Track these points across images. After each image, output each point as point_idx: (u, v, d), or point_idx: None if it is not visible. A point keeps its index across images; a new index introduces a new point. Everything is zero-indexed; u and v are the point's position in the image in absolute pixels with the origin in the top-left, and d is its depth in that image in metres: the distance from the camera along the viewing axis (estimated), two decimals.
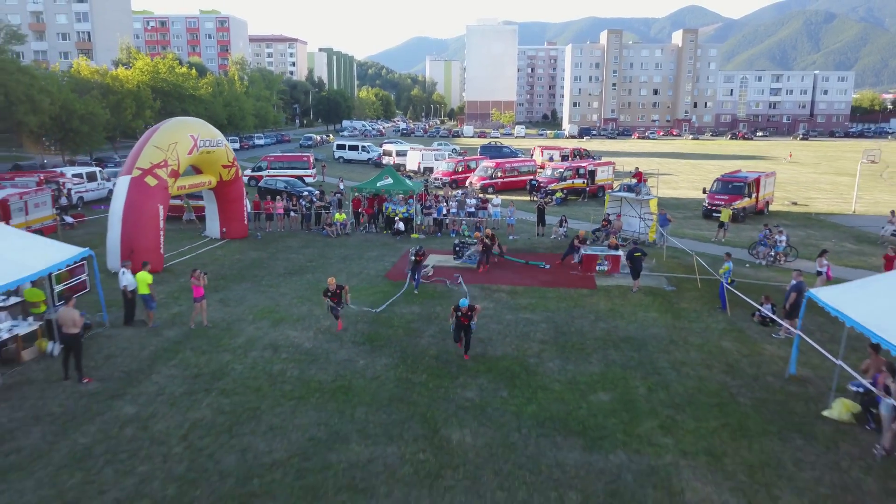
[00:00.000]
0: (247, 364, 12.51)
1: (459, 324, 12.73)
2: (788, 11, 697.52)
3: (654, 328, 14.87)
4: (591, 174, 37.66)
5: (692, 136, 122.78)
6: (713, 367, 12.65)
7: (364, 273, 19.74)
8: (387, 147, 57.05)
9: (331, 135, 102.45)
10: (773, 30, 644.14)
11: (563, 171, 37.18)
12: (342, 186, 33.60)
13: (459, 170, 42.07)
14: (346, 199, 29.04)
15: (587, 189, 37.06)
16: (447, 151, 53.87)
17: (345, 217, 26.21)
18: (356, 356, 12.96)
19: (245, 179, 30.79)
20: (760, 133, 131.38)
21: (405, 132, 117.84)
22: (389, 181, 26.59)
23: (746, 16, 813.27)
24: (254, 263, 20.86)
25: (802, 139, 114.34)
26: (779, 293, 16.24)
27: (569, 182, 36.53)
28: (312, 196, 29.00)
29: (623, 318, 15.53)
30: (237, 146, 72.04)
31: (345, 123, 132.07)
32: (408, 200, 26.59)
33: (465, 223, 25.84)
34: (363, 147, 60.33)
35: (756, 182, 30.65)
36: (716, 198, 29.98)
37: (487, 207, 26.92)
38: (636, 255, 17.86)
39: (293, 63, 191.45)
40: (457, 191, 33.34)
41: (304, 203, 27.61)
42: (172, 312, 15.56)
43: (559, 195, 34.94)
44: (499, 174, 39.57)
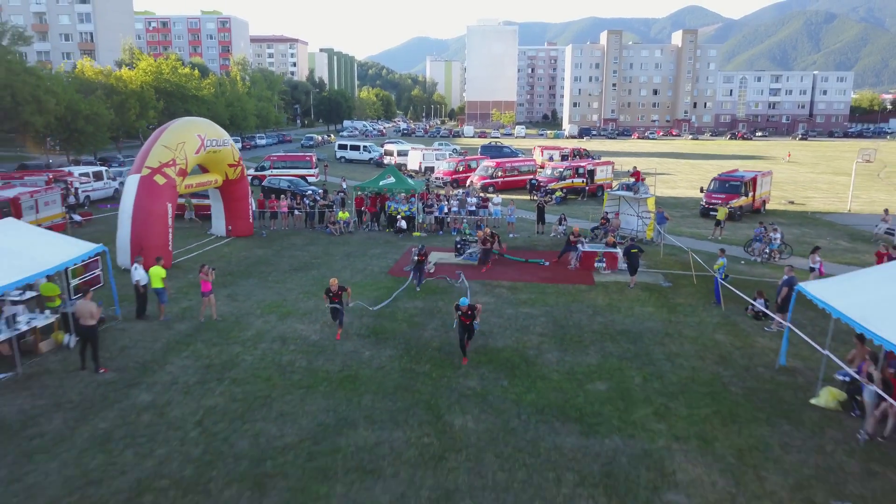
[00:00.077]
0: (256, 355, 12.97)
1: (462, 324, 12.67)
2: (789, 12, 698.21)
3: (650, 322, 15.31)
4: (591, 174, 38.13)
5: (692, 137, 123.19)
6: (706, 359, 13.10)
7: (368, 269, 20.21)
8: (388, 147, 57.46)
9: (332, 135, 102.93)
10: (774, 30, 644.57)
11: (563, 171, 37.69)
12: (345, 186, 34.05)
13: (460, 169, 42.51)
14: (350, 198, 29.51)
15: (586, 188, 37.54)
16: (448, 151, 54.30)
17: (348, 216, 26.67)
18: (362, 348, 13.42)
19: (248, 179, 31.17)
20: (760, 133, 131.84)
21: (406, 132, 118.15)
22: (392, 180, 27.08)
23: (746, 16, 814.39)
24: (260, 260, 21.33)
25: (801, 139, 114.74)
26: (772, 289, 16.63)
27: (568, 181, 37.03)
28: (316, 195, 29.47)
29: (620, 313, 15.98)
30: (239, 146, 72.45)
31: (346, 123, 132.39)
32: (410, 199, 27.02)
33: (466, 221, 26.30)
34: (364, 147, 60.77)
35: (753, 181, 31.12)
36: (713, 196, 30.44)
37: (488, 206, 27.38)
38: (633, 252, 18.33)
39: (294, 63, 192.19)
40: (458, 190, 33.80)
41: (308, 202, 28.09)
42: (182, 307, 16.03)
43: (559, 194, 35.42)
44: (499, 173, 40.06)
